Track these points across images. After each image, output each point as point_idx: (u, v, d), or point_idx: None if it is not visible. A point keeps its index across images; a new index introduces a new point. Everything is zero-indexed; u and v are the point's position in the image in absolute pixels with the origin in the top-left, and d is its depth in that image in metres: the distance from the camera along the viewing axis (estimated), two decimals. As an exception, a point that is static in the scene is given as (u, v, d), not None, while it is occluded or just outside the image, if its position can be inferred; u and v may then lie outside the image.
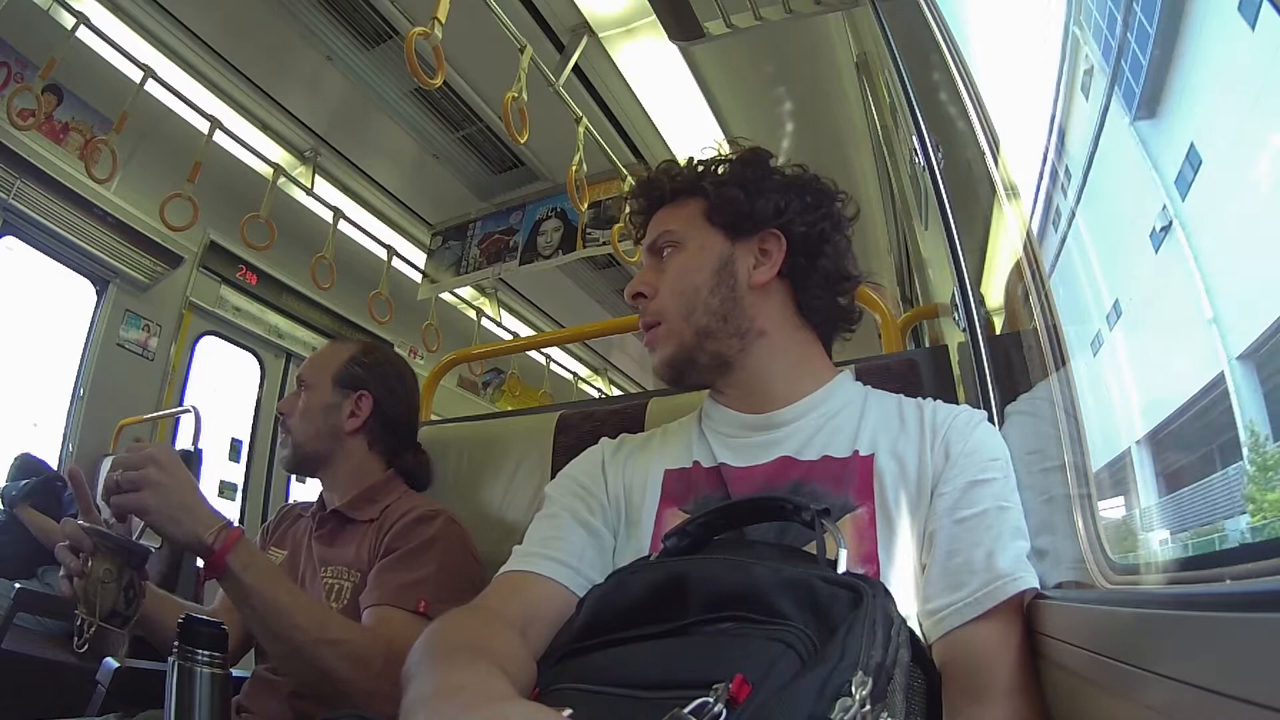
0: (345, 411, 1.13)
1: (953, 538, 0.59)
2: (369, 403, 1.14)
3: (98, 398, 2.78)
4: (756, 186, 0.77)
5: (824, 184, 0.80)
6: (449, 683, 0.43)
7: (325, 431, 1.12)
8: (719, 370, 0.76)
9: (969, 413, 0.69)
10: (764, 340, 0.75)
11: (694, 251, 0.77)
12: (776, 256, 0.76)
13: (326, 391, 1.13)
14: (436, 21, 1.75)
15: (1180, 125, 0.46)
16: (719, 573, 0.51)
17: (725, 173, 0.79)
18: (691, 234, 0.78)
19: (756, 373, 0.75)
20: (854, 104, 2.56)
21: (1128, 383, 0.56)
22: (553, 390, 4.59)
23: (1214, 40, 0.42)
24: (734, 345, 0.75)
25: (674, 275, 0.77)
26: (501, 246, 3.30)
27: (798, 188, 0.78)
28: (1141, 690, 0.35)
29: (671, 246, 0.78)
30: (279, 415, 1.16)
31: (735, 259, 0.76)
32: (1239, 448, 0.37)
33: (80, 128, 2.63)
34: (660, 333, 0.77)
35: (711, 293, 0.75)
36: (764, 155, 0.80)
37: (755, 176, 0.78)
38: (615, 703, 0.46)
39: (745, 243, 0.77)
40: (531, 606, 0.64)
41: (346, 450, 1.13)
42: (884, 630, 0.45)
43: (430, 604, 0.91)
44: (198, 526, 0.76)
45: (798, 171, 0.81)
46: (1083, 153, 0.63)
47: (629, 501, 0.74)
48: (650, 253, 0.81)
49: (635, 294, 0.79)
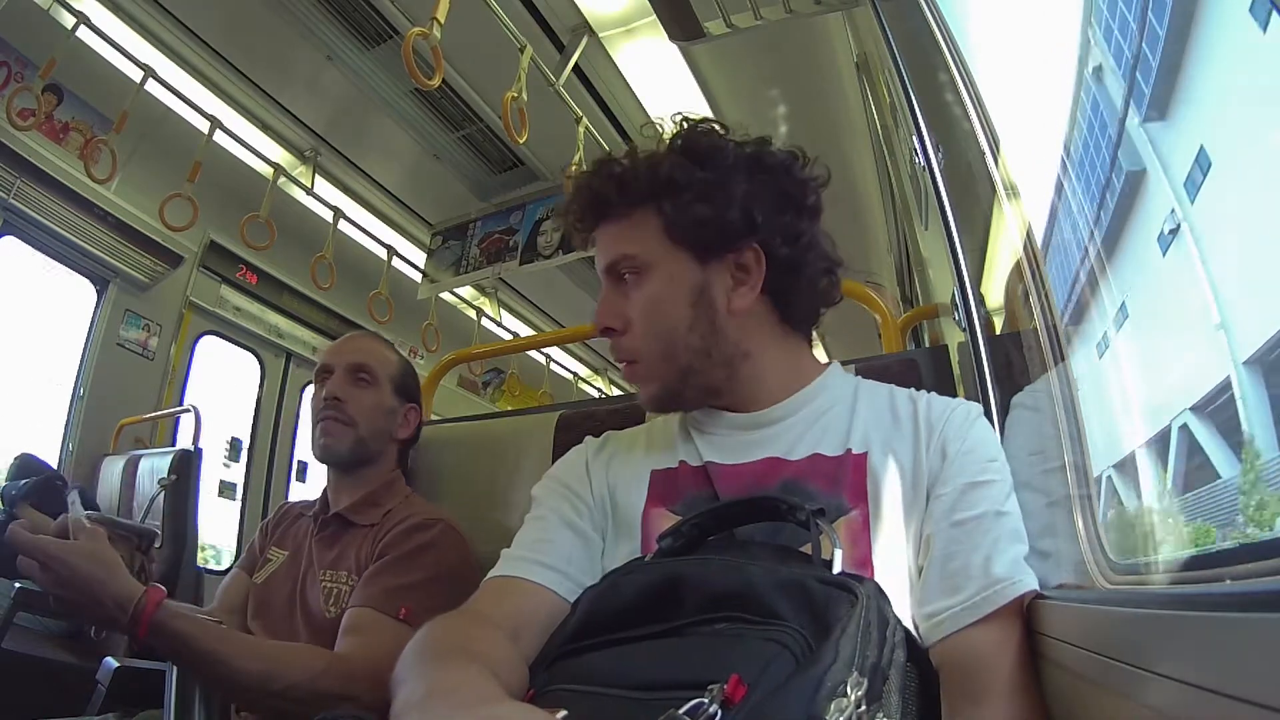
0: (399, 419, 1.15)
1: (950, 541, 0.58)
2: (417, 416, 1.18)
3: (98, 397, 2.77)
4: (723, 193, 0.67)
5: (791, 161, 0.71)
6: (441, 684, 0.43)
7: (384, 432, 1.14)
8: (708, 398, 0.71)
9: (965, 407, 0.67)
10: (750, 361, 0.70)
11: (662, 282, 0.68)
12: (756, 275, 0.68)
13: (388, 394, 1.15)
14: (435, 22, 1.75)
15: (1186, 125, 0.46)
16: (714, 573, 0.51)
17: (682, 180, 0.67)
18: (656, 259, 0.68)
19: (744, 390, 0.71)
20: (854, 104, 2.56)
21: (1129, 383, 0.56)
22: (553, 390, 4.59)
23: (1222, 39, 0.42)
24: (720, 374, 0.69)
25: (644, 311, 0.69)
26: (501, 246, 3.30)
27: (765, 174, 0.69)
28: (1142, 690, 0.35)
29: (634, 272, 0.69)
30: (335, 399, 1.09)
31: (710, 285, 0.68)
32: (1240, 449, 0.37)
33: (80, 127, 2.63)
34: (640, 372, 0.71)
35: (690, 329, 0.68)
36: (721, 143, 0.69)
37: (718, 180, 0.67)
38: (610, 704, 0.45)
39: (717, 263, 0.68)
40: (521, 611, 0.63)
41: (385, 454, 1.15)
42: (879, 631, 0.44)
43: (412, 611, 0.91)
44: (119, 597, 0.75)
45: (759, 150, 0.70)
46: (1083, 152, 0.63)
47: (614, 502, 0.72)
48: (609, 275, 0.72)
49: (605, 328, 0.71)
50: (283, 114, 3.02)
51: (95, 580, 0.75)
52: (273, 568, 1.11)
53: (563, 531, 0.69)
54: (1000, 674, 0.53)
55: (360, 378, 1.12)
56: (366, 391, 1.12)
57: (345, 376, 1.12)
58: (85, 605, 0.75)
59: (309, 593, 1.04)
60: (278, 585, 1.08)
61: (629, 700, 0.45)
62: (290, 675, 0.83)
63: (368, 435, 1.11)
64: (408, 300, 3.52)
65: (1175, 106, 0.46)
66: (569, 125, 2.49)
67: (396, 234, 3.67)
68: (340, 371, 1.13)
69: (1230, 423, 0.38)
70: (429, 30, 1.75)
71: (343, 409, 1.10)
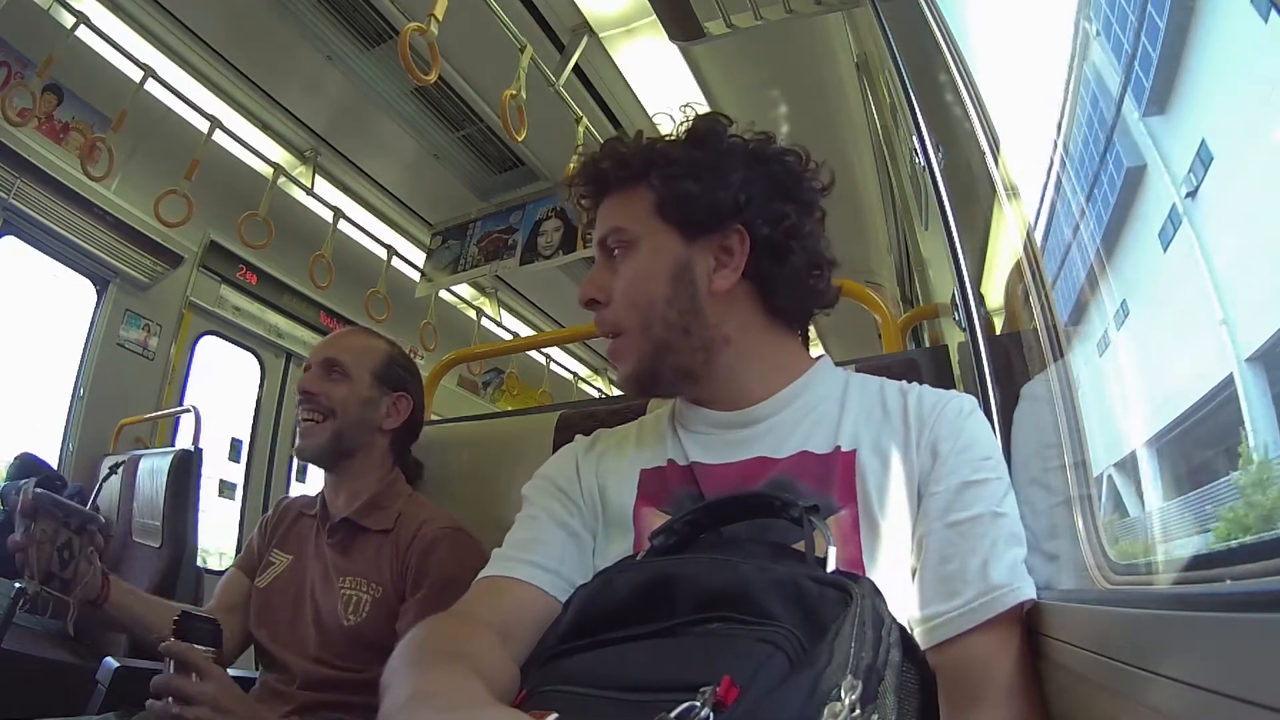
0: (382, 409, 1.14)
1: (946, 543, 0.57)
2: (408, 405, 1.16)
3: (98, 397, 2.77)
4: (714, 174, 0.68)
5: (791, 157, 0.72)
6: (425, 688, 0.43)
7: (363, 424, 1.12)
8: (685, 382, 0.71)
9: (958, 401, 0.65)
10: (730, 348, 0.69)
11: (646, 255, 0.69)
12: (739, 257, 0.68)
13: (366, 384, 1.13)
14: (433, 18, 1.75)
15: (1187, 121, 0.46)
16: (706, 572, 0.51)
17: (677, 157, 0.69)
18: (642, 233, 0.70)
19: (726, 379, 0.70)
20: (854, 104, 2.56)
21: (1129, 383, 0.56)
22: (553, 390, 4.59)
23: (1223, 32, 0.42)
24: (698, 357, 0.69)
25: (626, 282, 0.70)
26: (501, 246, 3.30)
27: (762, 164, 0.70)
28: (1142, 691, 0.35)
29: (621, 246, 0.70)
30: (307, 393, 1.11)
31: (693, 262, 0.69)
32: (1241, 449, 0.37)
33: (80, 127, 2.63)
34: (620, 346, 0.71)
35: (668, 303, 0.68)
36: (720, 129, 0.71)
37: (713, 160, 0.69)
38: (601, 705, 0.45)
39: (703, 242, 0.69)
40: (512, 611, 0.63)
41: (372, 446, 1.14)
42: (874, 631, 0.44)
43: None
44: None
45: (760, 142, 0.71)
46: (1084, 152, 0.63)
47: (605, 500, 0.71)
48: (600, 249, 0.73)
49: (588, 299, 0.72)
50: (282, 114, 3.02)
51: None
52: (276, 571, 1.11)
53: (554, 531, 0.69)
54: (998, 677, 0.53)
55: (333, 373, 1.12)
56: (339, 385, 1.11)
57: (318, 371, 1.13)
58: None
59: (322, 600, 1.03)
60: (282, 589, 1.08)
61: (620, 702, 0.44)
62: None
63: (344, 427, 1.10)
64: (407, 300, 3.52)
65: (1175, 102, 0.46)
66: (569, 125, 2.48)
67: (396, 234, 3.67)
68: (315, 367, 1.13)
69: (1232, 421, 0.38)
70: (426, 26, 1.74)
71: (316, 402, 1.10)
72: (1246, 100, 0.40)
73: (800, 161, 0.72)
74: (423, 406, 1.20)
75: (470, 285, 4.02)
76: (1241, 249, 0.41)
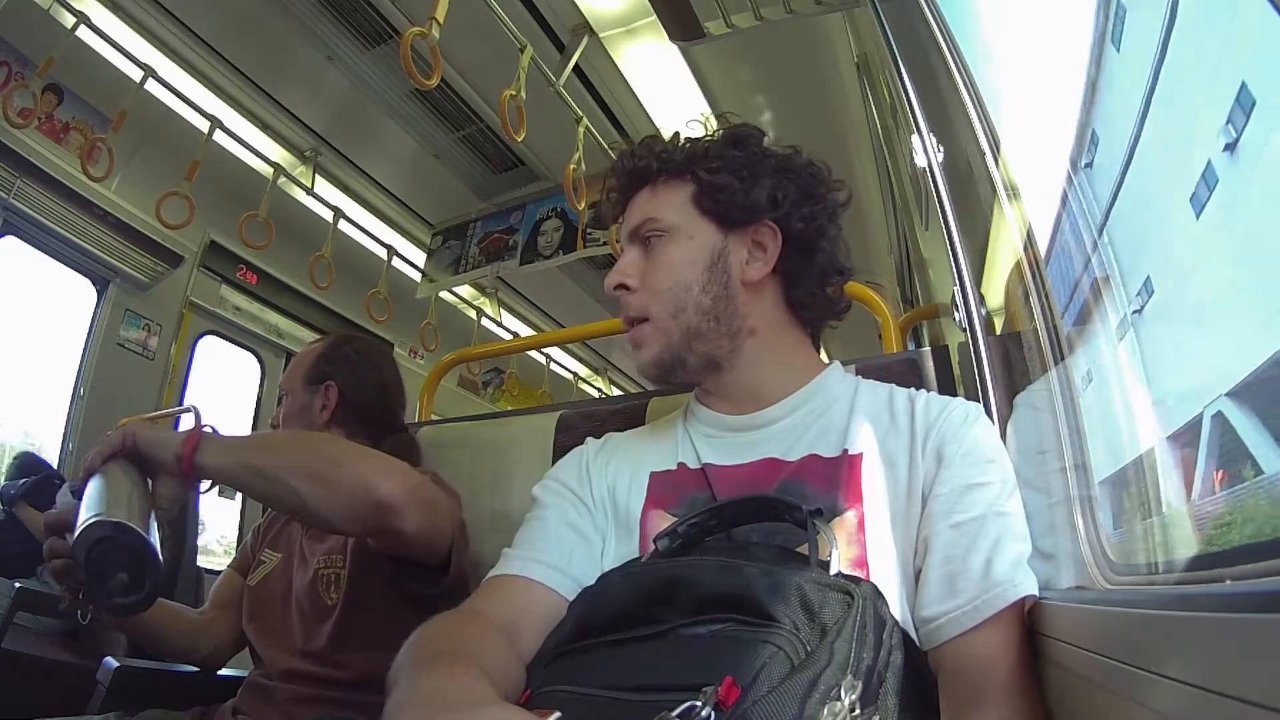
0: (317, 406, 1.15)
1: (949, 544, 0.57)
2: (335, 391, 1.16)
3: (98, 397, 2.77)
4: (751, 172, 0.71)
5: (817, 169, 0.76)
6: (428, 687, 0.43)
7: (308, 429, 1.13)
8: (707, 371, 0.72)
9: (963, 407, 0.66)
10: (754, 340, 0.72)
11: (684, 243, 0.72)
12: (772, 251, 0.72)
13: (300, 393, 1.16)
14: (434, 22, 1.75)
15: (1188, 120, 0.46)
16: (710, 574, 0.51)
17: (716, 153, 0.73)
18: (681, 223, 0.72)
19: (745, 373, 0.72)
20: (854, 104, 2.56)
21: (1130, 383, 0.56)
22: (553, 390, 4.59)
23: (1224, 31, 0.42)
24: (724, 346, 0.71)
25: (662, 269, 0.72)
26: (501, 246, 3.30)
27: (792, 173, 0.73)
28: (1142, 691, 0.35)
29: (658, 235, 0.73)
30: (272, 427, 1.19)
31: (728, 252, 0.71)
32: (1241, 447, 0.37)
33: (81, 127, 2.63)
34: (646, 331, 0.72)
35: (704, 290, 0.70)
36: (756, 134, 0.75)
37: (749, 160, 0.72)
38: (604, 705, 0.45)
39: (738, 234, 0.72)
40: (519, 610, 0.63)
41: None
42: (875, 633, 0.44)
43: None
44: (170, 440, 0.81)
45: (790, 154, 0.76)
46: (1083, 151, 0.63)
47: (614, 502, 0.72)
48: (632, 239, 0.75)
49: (617, 285, 0.73)
50: (283, 114, 3.02)
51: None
52: (266, 570, 1.11)
53: (563, 531, 0.69)
54: (1000, 677, 0.53)
55: (285, 398, 1.18)
56: (287, 407, 1.17)
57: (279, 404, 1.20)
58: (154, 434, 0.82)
59: (305, 588, 1.03)
60: (272, 587, 1.08)
61: (623, 702, 0.45)
62: (347, 465, 0.80)
63: None
64: (407, 300, 3.52)
65: (1176, 102, 0.46)
66: (569, 125, 2.48)
67: (397, 234, 3.67)
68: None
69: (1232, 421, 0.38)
70: (427, 30, 1.74)
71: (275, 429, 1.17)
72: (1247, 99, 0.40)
73: (826, 174, 0.76)
74: (361, 384, 1.17)
75: (470, 285, 4.02)
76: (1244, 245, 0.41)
